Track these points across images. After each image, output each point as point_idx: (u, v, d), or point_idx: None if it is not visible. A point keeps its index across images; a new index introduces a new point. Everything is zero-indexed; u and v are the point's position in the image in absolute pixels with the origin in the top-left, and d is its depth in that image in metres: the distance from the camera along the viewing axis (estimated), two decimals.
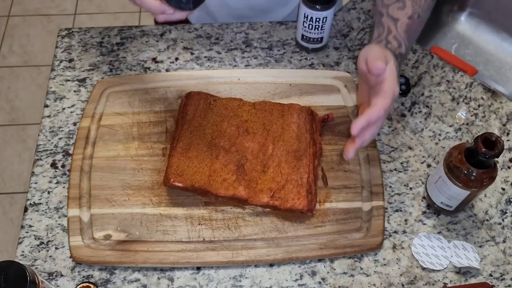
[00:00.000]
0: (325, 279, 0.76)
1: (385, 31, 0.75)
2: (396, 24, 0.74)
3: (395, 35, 0.74)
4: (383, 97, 0.67)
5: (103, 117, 0.89)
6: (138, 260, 0.75)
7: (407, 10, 0.75)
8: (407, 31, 0.74)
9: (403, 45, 0.74)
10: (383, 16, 0.76)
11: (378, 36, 0.75)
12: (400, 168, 0.87)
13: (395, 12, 0.75)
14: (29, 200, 0.82)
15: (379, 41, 0.74)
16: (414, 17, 0.75)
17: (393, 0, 0.76)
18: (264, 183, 0.79)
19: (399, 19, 0.75)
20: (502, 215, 0.82)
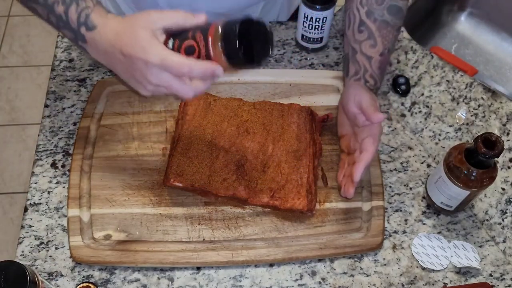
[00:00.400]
0: (325, 279, 0.76)
1: (361, 69, 0.81)
2: (370, 62, 0.80)
3: (371, 74, 0.81)
4: (373, 142, 0.75)
5: (103, 117, 0.89)
6: (138, 260, 0.75)
7: (378, 47, 0.80)
8: (380, 67, 0.81)
9: (378, 81, 0.82)
10: (357, 53, 0.81)
11: (355, 74, 0.81)
12: (400, 168, 0.87)
13: (368, 50, 0.80)
14: (29, 200, 0.82)
15: (358, 79, 0.81)
16: (385, 53, 0.81)
17: (365, 37, 0.80)
18: (264, 183, 0.79)
19: (373, 57, 0.80)
20: (502, 215, 0.82)
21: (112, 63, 0.66)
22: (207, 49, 0.60)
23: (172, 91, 0.63)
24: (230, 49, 0.59)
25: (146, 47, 0.60)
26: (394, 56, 0.99)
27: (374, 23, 0.80)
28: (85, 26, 0.65)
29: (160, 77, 0.62)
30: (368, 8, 0.81)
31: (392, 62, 0.99)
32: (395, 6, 0.80)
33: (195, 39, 0.61)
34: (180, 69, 0.60)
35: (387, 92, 0.95)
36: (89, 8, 0.65)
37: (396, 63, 0.98)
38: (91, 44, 0.66)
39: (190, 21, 0.62)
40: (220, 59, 0.60)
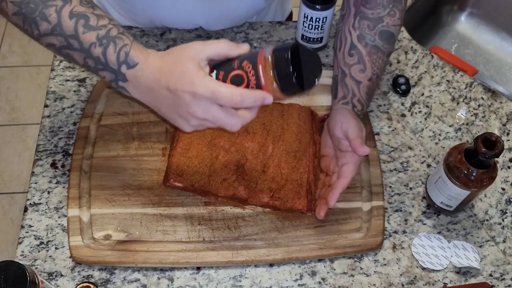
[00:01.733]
0: (325, 279, 0.76)
1: (349, 93, 0.81)
2: (358, 87, 0.80)
3: (359, 99, 0.81)
4: (352, 170, 0.76)
5: (103, 117, 0.89)
6: (138, 260, 0.75)
7: (367, 72, 0.80)
8: (368, 92, 0.81)
9: (365, 106, 0.82)
10: (346, 76, 0.81)
11: (343, 97, 0.81)
12: (400, 168, 0.87)
13: (357, 74, 0.80)
14: (29, 200, 0.82)
15: (345, 103, 0.81)
16: (373, 78, 0.81)
17: (355, 61, 0.80)
18: (264, 183, 0.79)
19: (361, 82, 0.80)
20: (502, 215, 0.82)
21: (155, 100, 0.64)
22: (257, 77, 0.59)
23: (219, 124, 0.61)
24: (283, 76, 0.58)
25: (194, 79, 0.58)
26: (394, 56, 0.99)
27: (365, 47, 0.80)
28: (125, 65, 0.63)
29: (208, 110, 0.60)
30: (360, 32, 0.80)
31: (392, 62, 0.99)
32: (387, 32, 0.80)
33: (242, 68, 0.60)
34: (231, 99, 0.58)
35: (387, 92, 0.95)
36: (127, 46, 0.63)
37: (396, 63, 0.98)
38: (133, 82, 0.64)
39: (234, 51, 0.61)
40: (271, 86, 0.59)
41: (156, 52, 0.64)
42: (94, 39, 0.63)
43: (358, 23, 0.81)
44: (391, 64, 0.98)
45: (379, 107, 0.93)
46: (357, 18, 0.81)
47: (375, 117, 0.92)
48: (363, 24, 0.80)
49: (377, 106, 0.93)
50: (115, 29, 0.64)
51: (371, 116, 0.92)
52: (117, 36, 0.64)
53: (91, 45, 0.63)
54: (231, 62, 0.61)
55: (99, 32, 0.63)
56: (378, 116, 0.92)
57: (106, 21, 0.64)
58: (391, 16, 0.80)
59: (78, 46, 0.64)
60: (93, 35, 0.63)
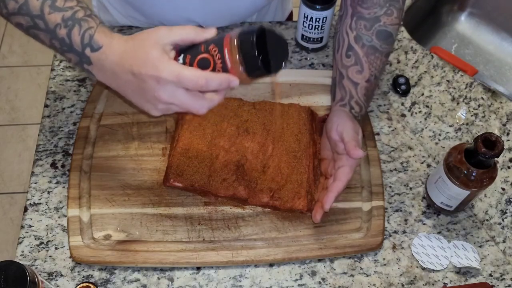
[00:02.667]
0: (325, 279, 0.76)
1: (347, 95, 0.80)
2: (356, 89, 0.80)
3: (356, 100, 0.80)
4: (347, 173, 0.75)
5: (103, 117, 0.89)
6: (138, 260, 0.75)
7: (364, 73, 0.79)
8: (366, 94, 0.80)
9: (363, 108, 0.81)
10: (343, 78, 0.81)
11: (341, 100, 0.81)
12: (400, 168, 0.87)
13: (354, 75, 0.79)
14: (29, 200, 0.82)
15: (343, 105, 0.80)
16: (371, 79, 0.80)
17: (352, 62, 0.80)
18: (264, 183, 0.79)
19: (359, 83, 0.80)
20: (502, 215, 0.82)
21: (120, 84, 0.64)
22: (223, 61, 0.59)
23: (185, 107, 0.61)
24: (249, 59, 0.58)
25: (158, 64, 0.58)
26: (394, 56, 0.99)
27: (362, 48, 0.79)
28: (89, 47, 0.63)
29: (173, 94, 0.60)
30: (357, 33, 0.80)
31: (392, 62, 0.99)
32: (384, 31, 0.79)
33: (209, 52, 0.60)
34: (197, 82, 0.58)
35: (387, 92, 0.95)
36: (92, 29, 0.63)
37: (396, 63, 0.98)
38: (97, 65, 0.64)
39: (201, 35, 0.61)
40: (237, 70, 0.60)
41: (121, 36, 0.63)
42: (59, 20, 0.63)
43: (355, 24, 0.80)
44: (391, 64, 0.98)
45: (379, 107, 0.93)
46: (354, 18, 0.80)
47: (375, 117, 0.92)
48: (359, 24, 0.80)
49: (377, 106, 0.93)
50: (81, 11, 0.64)
51: (371, 116, 0.92)
52: (83, 19, 0.63)
53: (56, 26, 0.63)
54: (198, 46, 0.61)
55: (65, 13, 0.63)
56: (378, 116, 0.92)
57: (74, 3, 0.64)
58: (388, 15, 0.79)
59: (44, 26, 0.64)
60: (59, 16, 0.63)
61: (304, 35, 0.97)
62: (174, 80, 0.58)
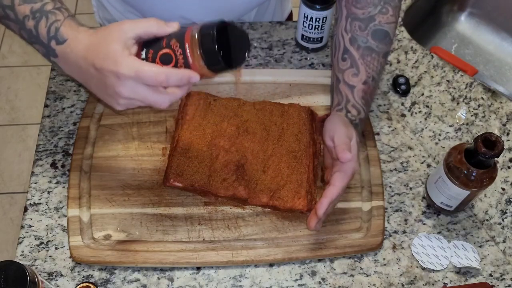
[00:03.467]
0: (325, 279, 0.76)
1: (343, 99, 0.78)
2: (353, 92, 0.77)
3: (353, 104, 0.78)
4: (342, 178, 0.71)
5: (103, 117, 0.89)
6: (138, 260, 0.75)
7: (361, 76, 0.77)
8: (364, 97, 0.78)
9: (362, 111, 0.78)
10: (340, 83, 0.79)
11: (338, 104, 0.79)
12: (400, 168, 0.87)
13: (350, 79, 0.78)
14: (29, 200, 0.82)
15: (340, 109, 0.78)
16: (369, 81, 0.78)
17: (348, 66, 0.78)
18: (264, 183, 0.79)
19: (355, 86, 0.77)
20: (502, 215, 0.82)
21: (84, 78, 0.65)
22: (184, 56, 0.59)
23: (147, 103, 0.62)
24: (209, 54, 0.58)
25: (119, 60, 0.58)
26: (394, 56, 0.99)
27: (357, 50, 0.77)
28: (55, 40, 0.63)
29: (134, 90, 0.60)
30: (352, 35, 0.78)
31: (392, 62, 0.99)
32: (380, 31, 0.77)
33: (170, 47, 0.60)
34: (156, 78, 0.59)
35: (387, 92, 0.95)
36: (59, 22, 0.63)
37: (396, 63, 0.98)
38: (63, 58, 0.64)
39: (163, 29, 0.61)
40: (198, 64, 0.60)
41: (88, 30, 0.63)
42: (28, 11, 0.64)
43: (350, 25, 0.78)
44: (391, 64, 0.98)
45: (379, 107, 0.93)
46: (349, 20, 0.79)
47: (375, 117, 0.92)
48: (354, 25, 0.78)
49: (377, 106, 0.93)
50: (51, 4, 0.64)
51: (371, 116, 0.92)
52: (51, 11, 0.64)
53: (25, 17, 0.64)
54: (161, 40, 0.61)
55: (34, 5, 0.64)
56: (378, 116, 0.92)
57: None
58: (383, 14, 0.77)
59: (13, 17, 0.65)
60: (28, 8, 0.64)
61: (304, 35, 0.97)
62: (133, 76, 0.58)
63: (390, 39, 0.79)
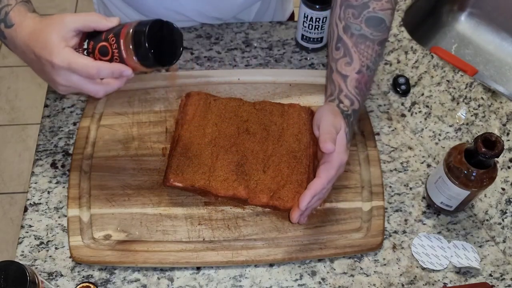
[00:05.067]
0: (325, 279, 0.76)
1: (336, 89, 0.76)
2: (345, 82, 0.75)
3: (346, 94, 0.75)
4: (328, 169, 0.69)
5: (103, 117, 0.89)
6: (138, 260, 0.75)
7: (354, 65, 0.75)
8: (357, 86, 0.75)
9: (356, 101, 0.75)
10: (333, 72, 0.76)
11: (330, 95, 0.76)
12: (400, 168, 0.87)
13: (343, 68, 0.75)
14: (29, 200, 0.82)
15: (332, 100, 0.75)
16: (363, 70, 0.75)
17: (341, 55, 0.76)
18: (264, 183, 0.79)
19: (348, 76, 0.75)
20: (502, 215, 0.82)
21: (27, 62, 0.68)
22: (119, 51, 0.63)
23: (82, 91, 0.65)
24: (141, 50, 0.62)
25: (54, 50, 0.62)
26: (394, 56, 0.99)
27: (350, 38, 0.75)
28: (3, 23, 0.67)
29: (68, 79, 0.64)
30: (345, 23, 0.76)
31: (392, 62, 0.99)
32: (374, 18, 0.75)
33: (108, 41, 0.64)
34: (87, 71, 0.62)
35: (387, 92, 0.95)
36: (9, 6, 0.67)
37: (396, 63, 0.98)
38: (10, 41, 0.68)
39: (102, 24, 0.64)
40: (131, 60, 0.63)
41: (35, 17, 0.67)
42: None
43: (344, 13, 0.76)
44: (391, 64, 0.98)
45: (379, 107, 0.93)
46: (343, 7, 0.76)
47: (375, 117, 0.92)
48: (348, 13, 0.75)
49: (377, 106, 0.93)
50: None
51: (371, 116, 0.92)
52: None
53: None
54: (102, 33, 0.64)
55: None
56: (378, 116, 0.92)
57: None
58: (377, 0, 0.75)
59: None
60: None
61: (304, 35, 0.97)
62: (66, 66, 0.62)
63: (386, 26, 0.77)
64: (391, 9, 0.77)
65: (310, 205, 0.70)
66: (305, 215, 0.72)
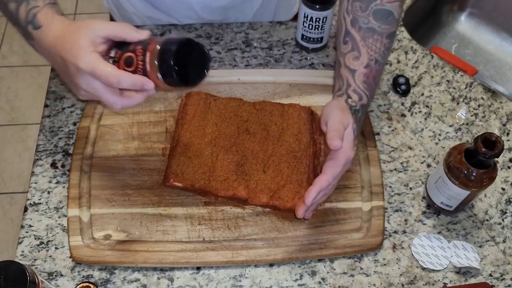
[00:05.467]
0: (325, 279, 0.76)
1: (344, 84, 0.75)
2: (354, 76, 0.74)
3: (354, 89, 0.74)
4: (334, 166, 0.69)
5: (103, 117, 0.89)
6: (138, 260, 0.75)
7: (362, 59, 0.74)
8: (366, 81, 0.74)
9: (364, 96, 0.75)
10: (341, 67, 0.76)
11: (338, 89, 0.75)
12: (400, 168, 0.87)
13: (351, 62, 0.74)
14: (29, 200, 0.82)
15: (340, 95, 0.75)
16: (371, 64, 0.74)
17: (349, 49, 0.75)
18: (264, 183, 0.79)
19: (356, 70, 0.74)
20: (502, 215, 0.82)
21: (53, 64, 0.69)
22: (144, 64, 0.62)
23: (101, 99, 0.65)
24: (165, 67, 0.61)
25: (80, 54, 0.62)
26: (394, 56, 0.99)
27: (358, 32, 0.74)
28: (32, 25, 0.67)
29: (90, 84, 0.63)
30: (353, 16, 0.75)
31: (392, 62, 0.99)
32: (382, 10, 0.74)
33: (134, 52, 0.63)
34: (108, 78, 0.61)
35: (387, 92, 0.95)
36: (37, 8, 0.67)
37: (396, 63, 0.98)
38: (38, 42, 0.68)
39: (132, 35, 0.64)
40: (155, 75, 0.62)
41: (63, 20, 0.67)
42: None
43: (351, 7, 0.75)
44: (391, 64, 0.98)
45: (379, 107, 0.93)
46: (350, 1, 0.76)
47: (375, 117, 0.92)
48: (355, 6, 0.75)
49: (377, 106, 0.93)
50: None
51: (371, 116, 0.92)
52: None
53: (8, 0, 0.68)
54: (130, 44, 0.64)
55: None
56: (378, 116, 0.92)
57: None
58: None
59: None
60: None
61: (304, 35, 0.97)
62: (89, 71, 0.62)
63: (395, 18, 0.75)
64: (399, 1, 0.76)
65: (316, 200, 0.70)
66: (310, 211, 0.72)
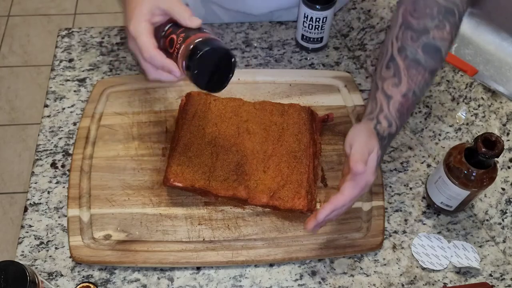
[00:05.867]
0: (325, 279, 0.76)
1: (377, 108, 0.74)
2: (389, 103, 0.73)
3: (386, 115, 0.73)
4: (353, 187, 0.68)
5: (103, 117, 0.89)
6: (138, 260, 0.75)
7: (401, 87, 0.73)
8: (399, 109, 0.73)
9: (394, 125, 0.73)
10: (378, 90, 0.75)
11: (370, 113, 0.74)
12: (400, 168, 0.87)
13: (389, 88, 0.73)
14: (29, 200, 0.82)
15: (371, 119, 0.73)
16: (409, 95, 0.73)
17: (390, 75, 0.74)
18: (264, 183, 0.79)
19: (393, 97, 0.73)
20: (502, 215, 0.82)
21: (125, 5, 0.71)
22: (178, 52, 0.65)
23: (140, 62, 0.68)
24: (189, 65, 0.63)
25: (135, 18, 0.66)
26: None
27: (404, 60, 0.73)
28: None
29: (133, 47, 0.68)
30: (401, 44, 0.74)
31: None
32: (432, 45, 0.73)
33: (178, 37, 0.65)
34: (143, 51, 0.65)
35: None
36: None
37: None
38: None
39: (183, 20, 0.66)
40: (181, 65, 0.65)
41: None
42: None
43: (402, 34, 0.74)
44: None
45: None
46: (402, 28, 0.75)
47: None
48: (406, 34, 0.74)
49: None
50: None
51: None
52: None
53: None
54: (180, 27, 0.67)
55: None
56: None
57: None
58: (439, 29, 0.73)
59: None
60: None
61: (304, 35, 0.97)
62: (133, 36, 0.66)
63: (441, 56, 0.75)
64: (450, 40, 0.75)
65: (327, 218, 0.69)
66: (318, 226, 0.71)
